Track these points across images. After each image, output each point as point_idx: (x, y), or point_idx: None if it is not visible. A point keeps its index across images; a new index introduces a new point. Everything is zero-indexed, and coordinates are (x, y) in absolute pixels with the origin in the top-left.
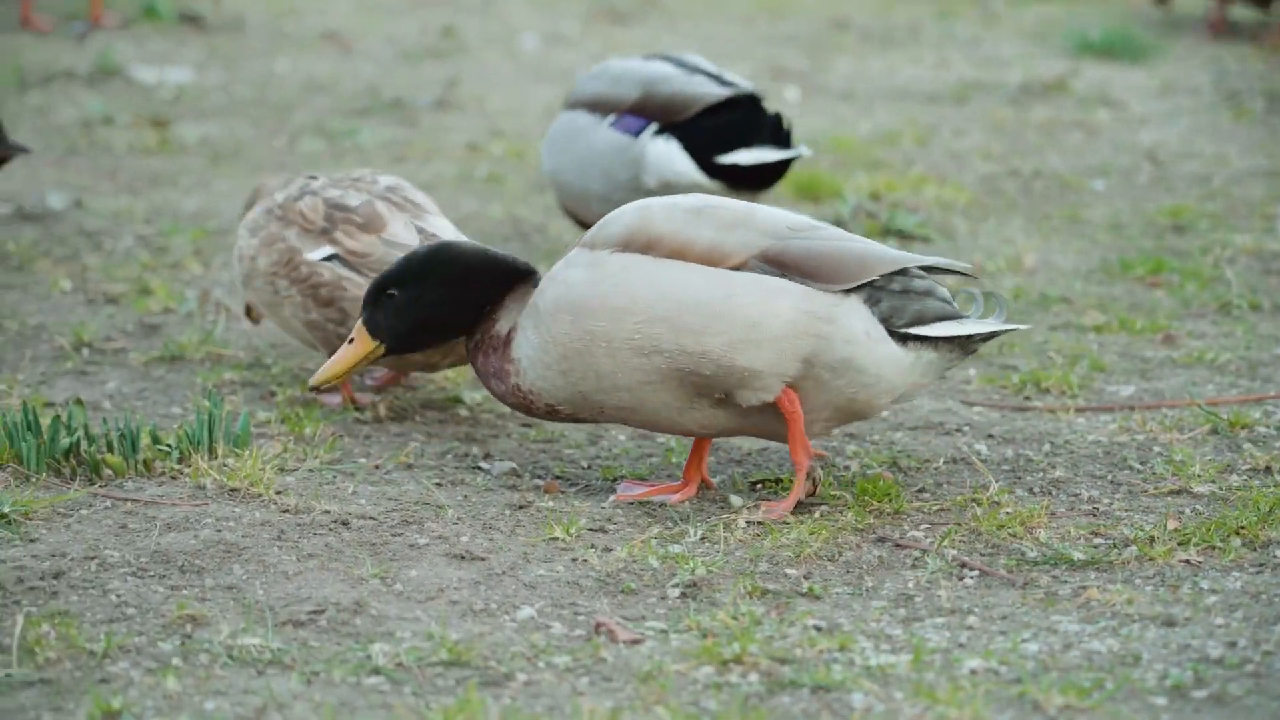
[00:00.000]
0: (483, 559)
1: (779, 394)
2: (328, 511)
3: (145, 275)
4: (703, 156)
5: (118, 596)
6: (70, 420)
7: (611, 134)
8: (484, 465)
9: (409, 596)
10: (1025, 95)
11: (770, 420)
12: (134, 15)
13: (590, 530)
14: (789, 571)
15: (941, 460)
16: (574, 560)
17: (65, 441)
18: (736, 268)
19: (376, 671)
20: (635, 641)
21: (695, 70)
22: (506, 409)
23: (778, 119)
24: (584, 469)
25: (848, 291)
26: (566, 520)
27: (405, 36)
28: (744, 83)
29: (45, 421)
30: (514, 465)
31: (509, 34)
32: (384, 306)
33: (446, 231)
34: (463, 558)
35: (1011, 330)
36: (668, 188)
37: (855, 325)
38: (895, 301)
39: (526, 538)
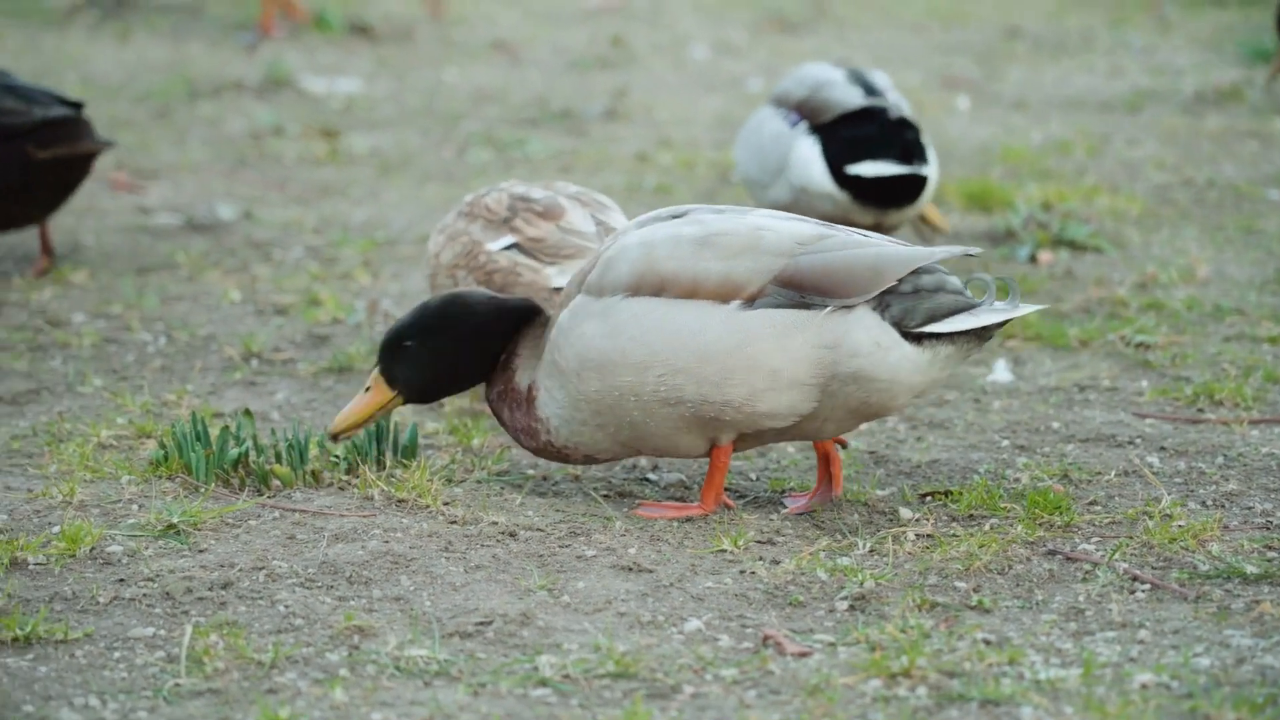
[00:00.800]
0: (650, 571)
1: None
2: (495, 523)
3: (314, 286)
4: (836, 164)
5: (285, 607)
6: (239, 431)
7: (777, 123)
8: (652, 477)
9: (576, 608)
10: (1199, 103)
11: (799, 427)
12: (304, 26)
13: (758, 542)
14: (958, 584)
15: (1113, 472)
16: (742, 572)
17: (234, 452)
18: (753, 296)
19: (543, 683)
20: (803, 654)
21: (858, 81)
22: None
23: (911, 135)
24: (752, 481)
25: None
26: (735, 532)
27: (574, 46)
28: (896, 100)
29: (214, 432)
30: (682, 477)
31: (678, 43)
32: (400, 357)
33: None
34: (630, 569)
35: (1026, 313)
36: (804, 191)
37: (864, 338)
38: (906, 303)
39: (694, 550)
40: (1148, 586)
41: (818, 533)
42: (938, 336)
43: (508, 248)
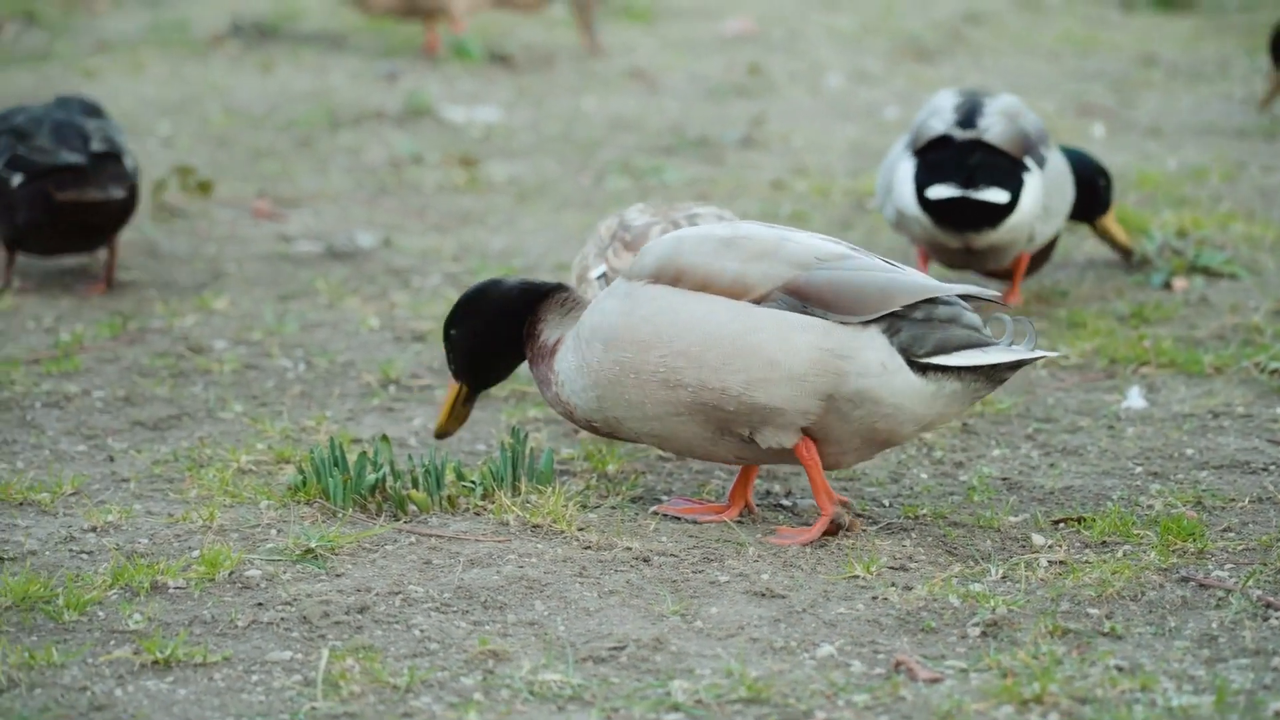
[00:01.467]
0: (783, 596)
1: (798, 441)
2: (629, 548)
3: None
4: (919, 187)
5: (421, 631)
6: (376, 456)
7: (897, 148)
8: (786, 502)
9: (708, 633)
10: None
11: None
12: (445, 55)
13: (891, 568)
14: (1091, 611)
15: (1247, 499)
16: (874, 598)
17: (371, 478)
18: (760, 300)
19: (676, 708)
20: (935, 680)
21: (963, 108)
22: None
23: (979, 159)
24: (885, 507)
25: (867, 323)
26: (867, 558)
27: (711, 74)
28: (997, 126)
29: (352, 458)
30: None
31: (814, 71)
32: (451, 348)
33: None
34: (763, 595)
35: (1040, 358)
36: (901, 214)
37: (871, 358)
38: (916, 330)
39: (827, 575)
40: None
41: (950, 559)
42: (944, 369)
43: (599, 276)
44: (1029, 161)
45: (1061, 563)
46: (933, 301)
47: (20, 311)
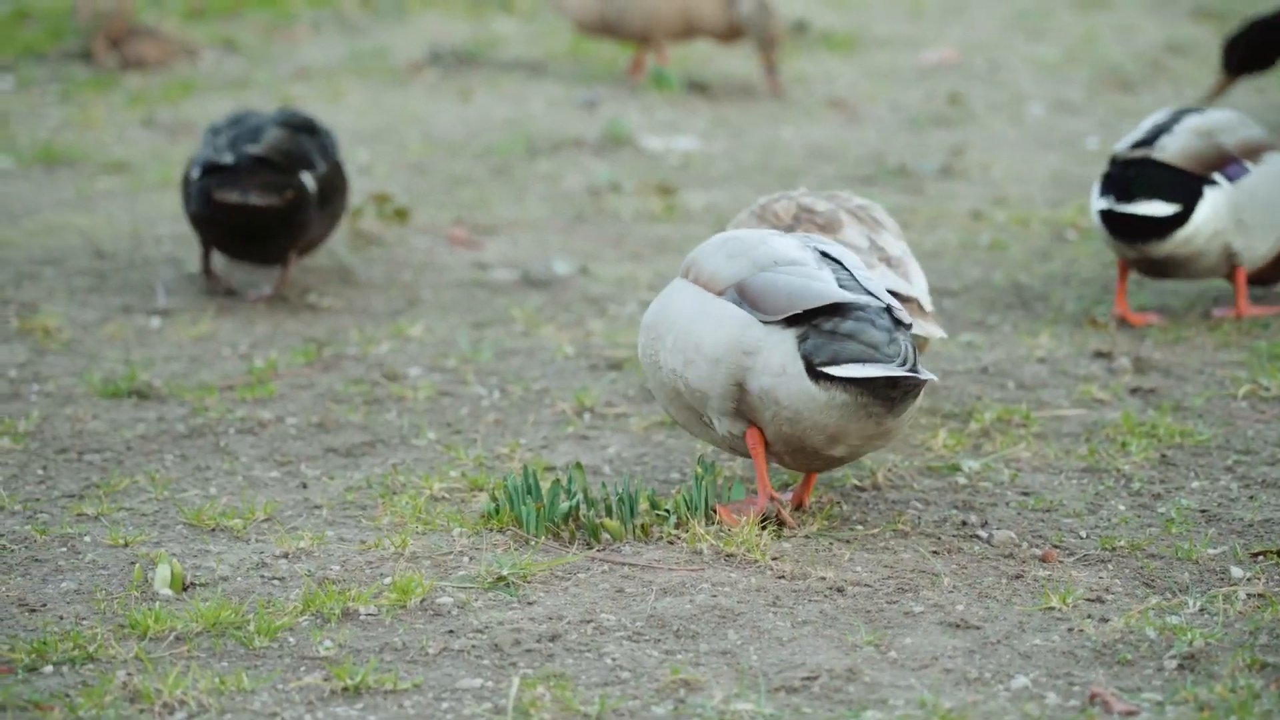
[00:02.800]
0: (978, 627)
1: (746, 429)
2: (823, 578)
3: None
4: (1094, 202)
5: (612, 660)
6: (570, 484)
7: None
8: (981, 533)
9: (902, 664)
10: None
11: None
12: (644, 84)
13: (1087, 600)
14: None
15: None
16: (1070, 630)
17: (564, 506)
18: (719, 294)
19: None
20: (1130, 713)
21: (1148, 129)
22: (1005, 477)
23: (1135, 172)
24: (1082, 538)
25: (786, 325)
26: (1063, 589)
27: (911, 103)
28: (1172, 145)
29: (545, 486)
30: (1012, 534)
31: (1015, 101)
32: None
33: (894, 249)
34: (957, 626)
35: (923, 381)
36: (1095, 226)
37: (774, 358)
38: (819, 339)
39: (1022, 606)
40: None
41: (1147, 591)
42: (832, 379)
43: None
44: (1217, 176)
45: (1260, 596)
46: (844, 314)
47: (215, 338)
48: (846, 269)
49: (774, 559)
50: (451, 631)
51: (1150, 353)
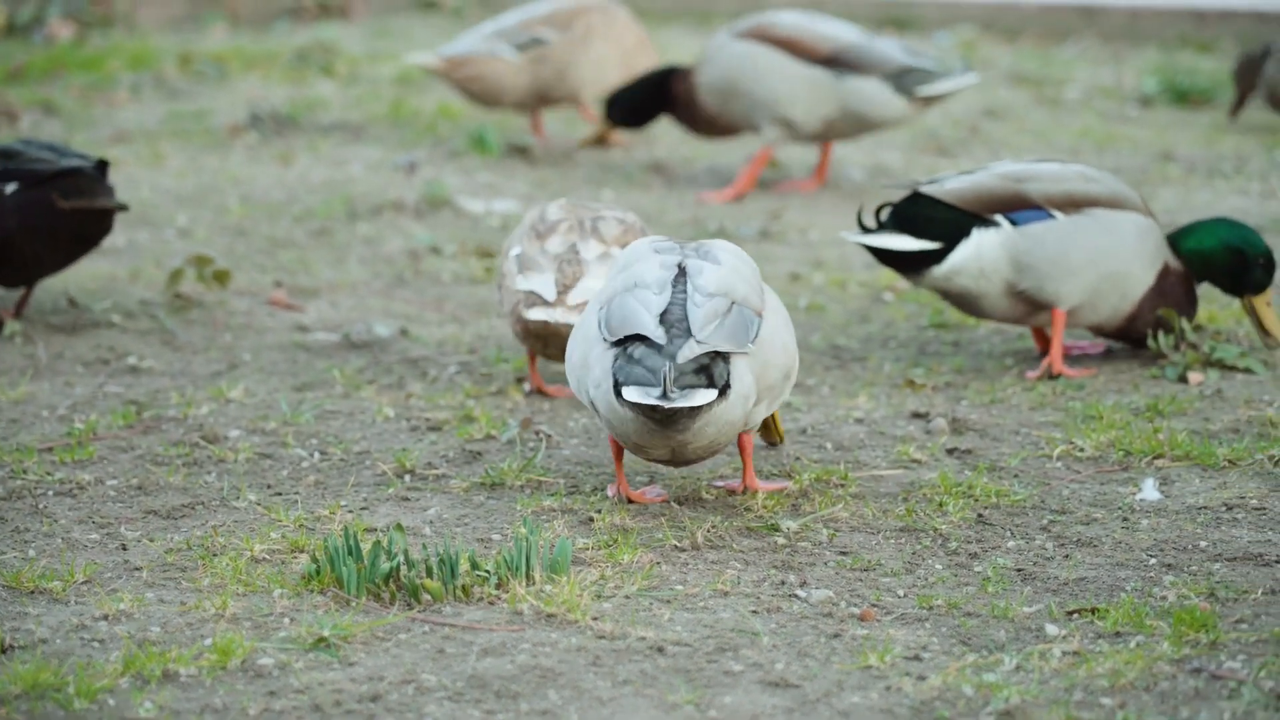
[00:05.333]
0: (797, 686)
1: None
2: (643, 638)
3: (468, 403)
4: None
5: None
6: (390, 545)
7: None
8: (800, 593)
9: None
10: None
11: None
12: (463, 148)
13: (905, 658)
14: (1104, 701)
15: (1260, 591)
16: (888, 688)
17: (385, 567)
18: (598, 310)
19: None
20: None
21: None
22: (824, 537)
23: (907, 213)
24: (900, 597)
25: (612, 345)
26: (881, 648)
27: (729, 166)
28: (947, 184)
29: (366, 547)
30: (830, 593)
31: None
32: None
33: (588, 254)
34: (777, 684)
35: (666, 404)
36: None
37: (598, 374)
38: (622, 361)
39: (841, 665)
40: None
41: (964, 648)
42: (621, 398)
43: (516, 255)
44: (999, 218)
45: (1075, 653)
46: (644, 340)
47: (34, 399)
48: (686, 292)
49: (594, 619)
50: (272, 693)
51: (966, 413)
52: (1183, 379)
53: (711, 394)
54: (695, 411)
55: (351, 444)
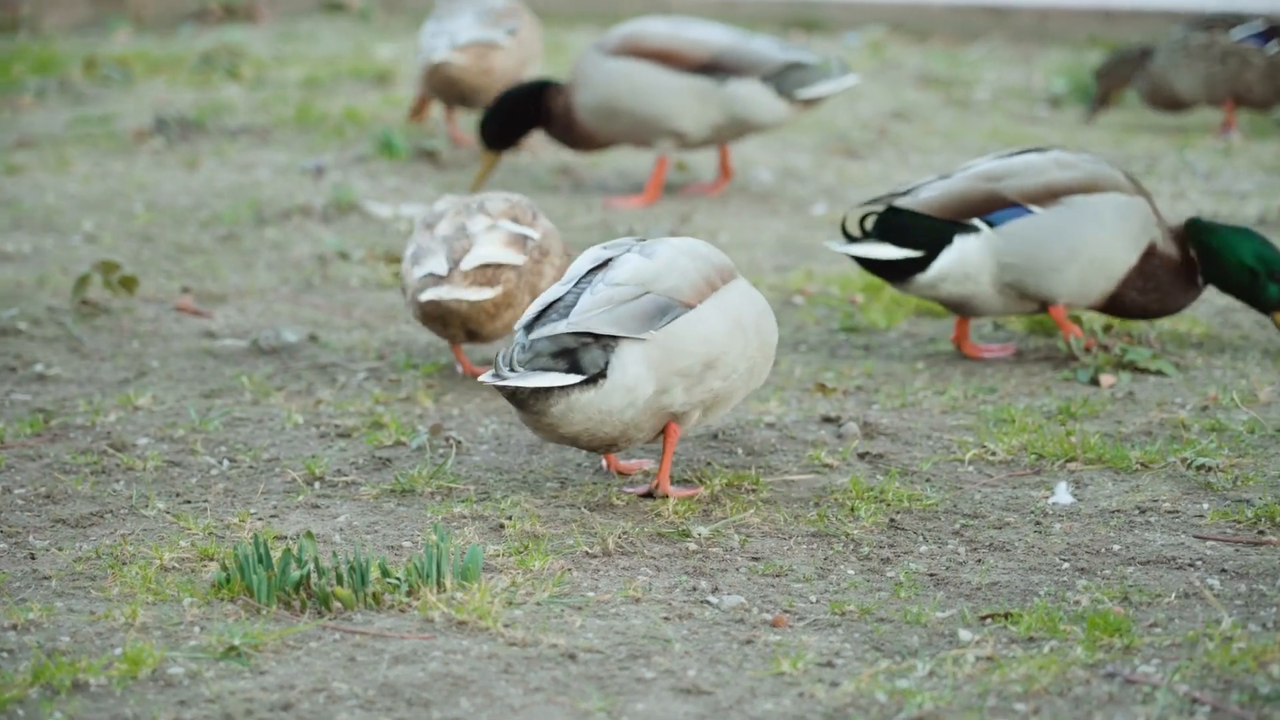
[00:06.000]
0: (709, 693)
1: None
2: (555, 645)
3: (377, 409)
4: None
5: None
6: (301, 553)
7: None
8: (712, 599)
9: None
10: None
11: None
12: (370, 152)
13: (817, 664)
14: (1017, 707)
15: (1174, 594)
16: (800, 694)
17: (295, 574)
18: None
19: None
20: None
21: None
22: (735, 543)
23: (893, 222)
24: (812, 603)
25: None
26: (794, 654)
27: (638, 170)
28: (921, 194)
29: (276, 554)
30: (742, 599)
31: (742, 168)
32: None
33: (475, 227)
34: (689, 692)
35: (512, 386)
36: None
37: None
38: (513, 348)
39: (753, 671)
40: (1208, 709)
41: (877, 654)
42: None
43: (411, 252)
44: (978, 221)
45: (988, 658)
46: (527, 328)
47: None
48: (586, 285)
49: (505, 626)
50: (183, 702)
51: (878, 417)
52: (1095, 382)
53: (561, 379)
54: (545, 395)
55: (260, 451)
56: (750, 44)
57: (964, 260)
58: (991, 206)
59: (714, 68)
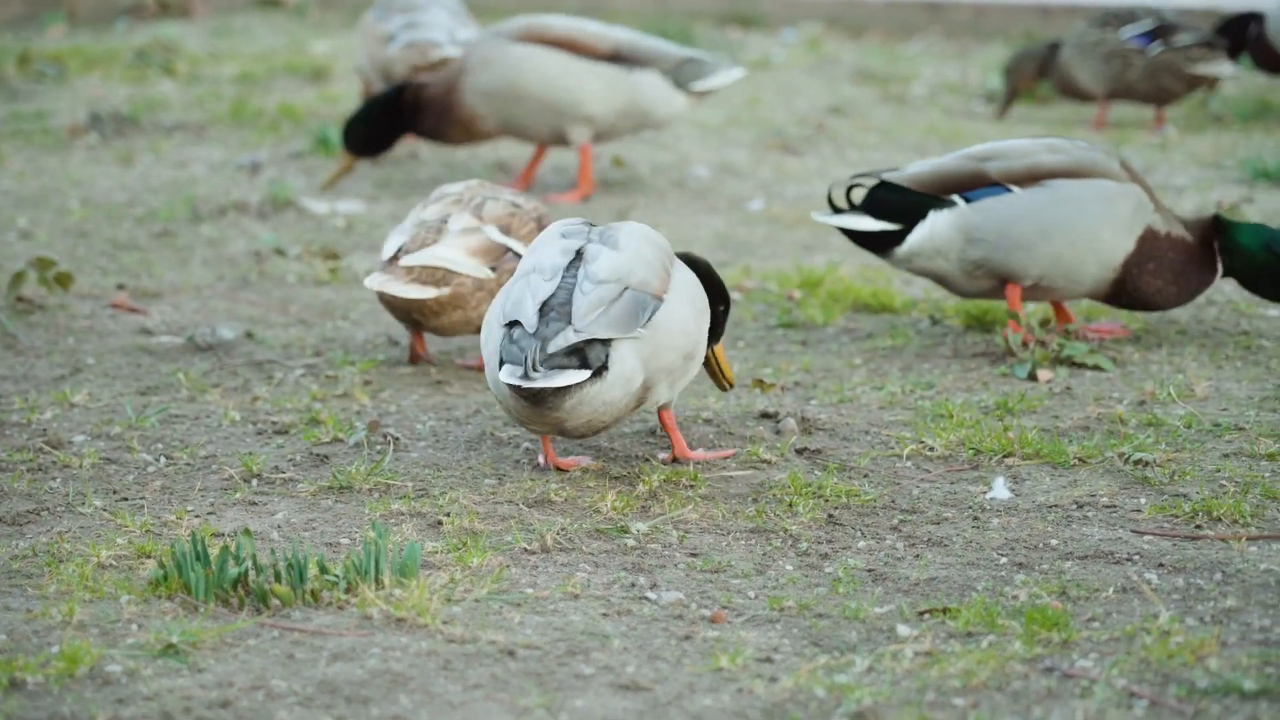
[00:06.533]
0: (648, 689)
1: None
2: (494, 642)
3: (314, 406)
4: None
5: None
6: (238, 550)
7: None
8: (650, 595)
9: None
10: None
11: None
12: (306, 148)
13: (756, 660)
14: (956, 701)
15: (1111, 589)
16: (739, 690)
17: (233, 572)
18: None
19: None
20: None
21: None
22: (674, 539)
23: (873, 197)
24: (750, 599)
25: (508, 325)
26: (732, 650)
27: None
28: (907, 170)
29: (214, 552)
30: (681, 595)
31: (680, 164)
32: None
33: (455, 225)
34: (628, 688)
35: (540, 387)
36: None
37: (488, 351)
38: (506, 342)
39: (692, 667)
40: (1146, 702)
41: (816, 650)
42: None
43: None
44: (955, 198)
45: (927, 654)
46: (521, 324)
47: None
48: (576, 277)
49: (444, 623)
50: (121, 700)
51: (816, 413)
52: (1032, 377)
53: (580, 375)
54: (562, 392)
55: (197, 448)
56: (648, 40)
57: (934, 234)
58: (974, 184)
59: (619, 58)
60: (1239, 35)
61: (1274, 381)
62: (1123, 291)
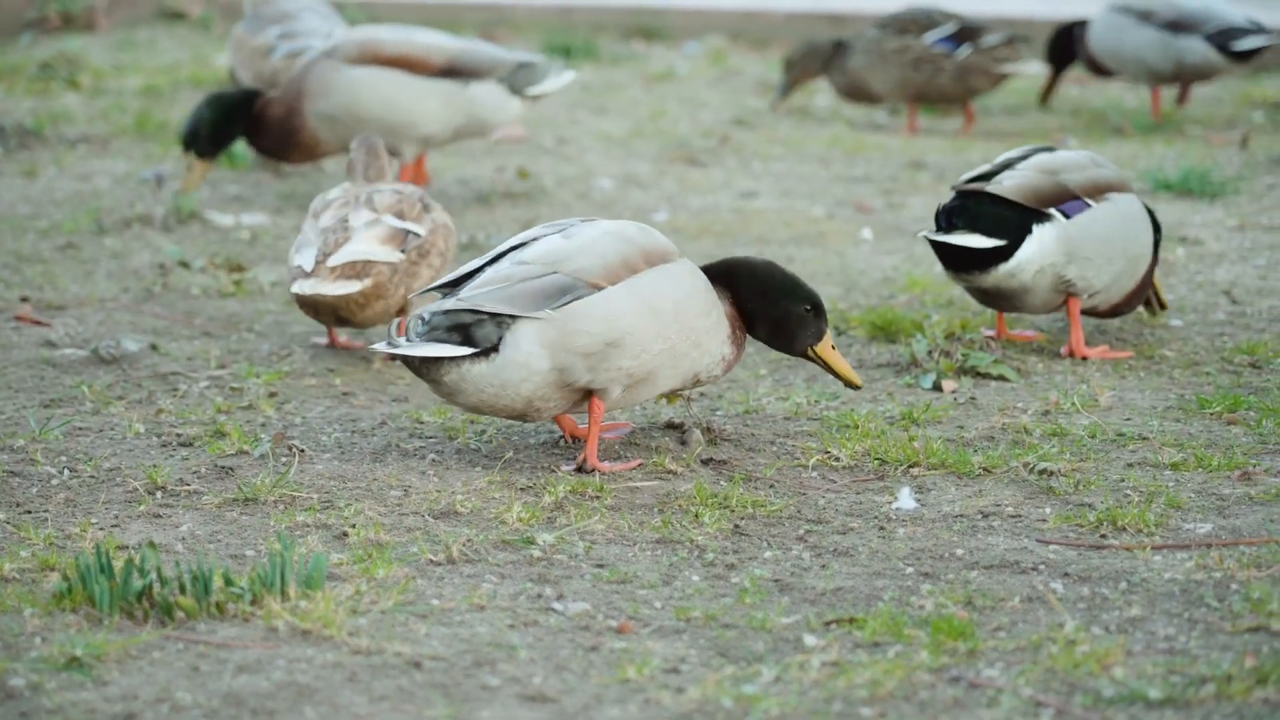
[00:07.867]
0: (555, 700)
1: None
2: (400, 653)
3: (219, 418)
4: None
5: None
6: (143, 563)
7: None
8: (557, 606)
9: None
10: None
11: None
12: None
13: (663, 670)
14: (863, 711)
15: (1017, 599)
16: (646, 700)
17: (138, 584)
18: None
19: None
20: None
21: (1005, 160)
22: (580, 550)
23: (971, 209)
24: (657, 609)
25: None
26: (639, 660)
27: (480, 178)
28: (1010, 180)
29: (118, 564)
30: (587, 605)
31: (584, 176)
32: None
33: (357, 221)
34: (535, 699)
35: (400, 354)
36: None
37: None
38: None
39: (599, 678)
40: (1052, 711)
41: (723, 660)
42: None
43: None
44: (1054, 211)
45: (834, 663)
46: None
47: None
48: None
49: (350, 634)
50: (24, 714)
51: (722, 424)
52: (937, 387)
53: (447, 350)
54: (435, 364)
55: (102, 461)
56: (480, 47)
57: (1043, 251)
58: (1061, 198)
59: (454, 71)
60: (1069, 41)
61: (1177, 392)
62: (1125, 303)
